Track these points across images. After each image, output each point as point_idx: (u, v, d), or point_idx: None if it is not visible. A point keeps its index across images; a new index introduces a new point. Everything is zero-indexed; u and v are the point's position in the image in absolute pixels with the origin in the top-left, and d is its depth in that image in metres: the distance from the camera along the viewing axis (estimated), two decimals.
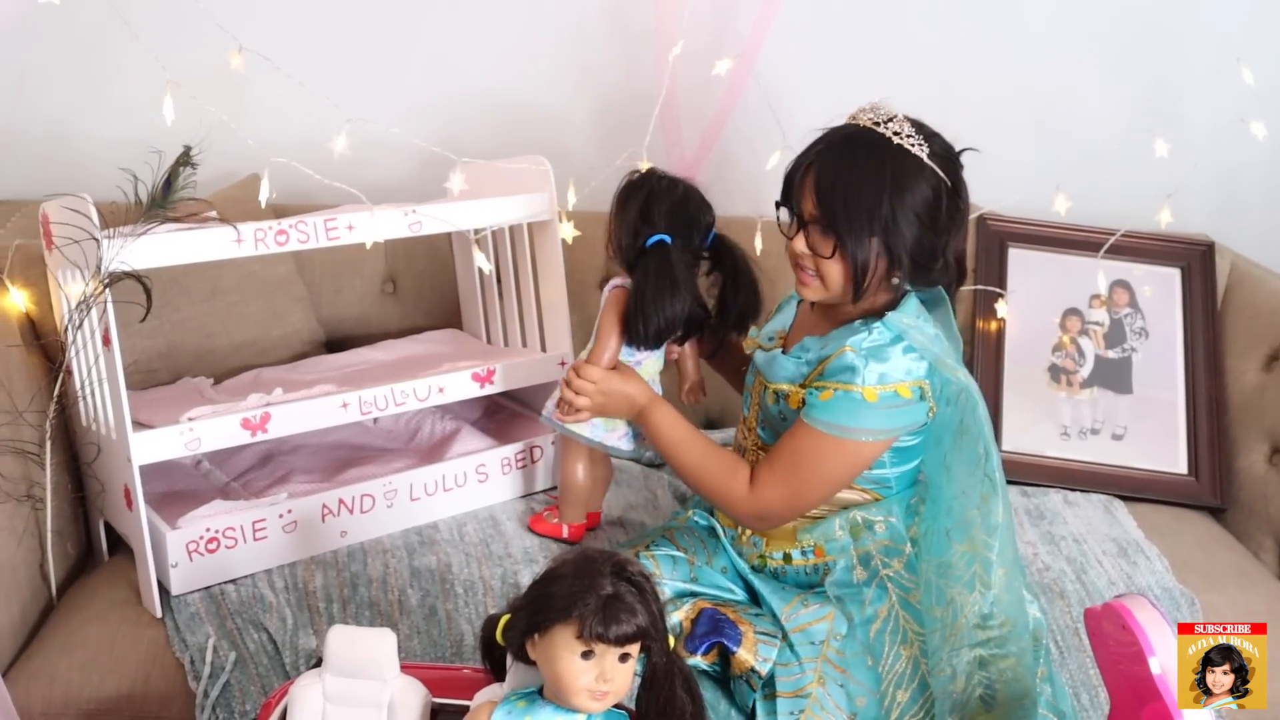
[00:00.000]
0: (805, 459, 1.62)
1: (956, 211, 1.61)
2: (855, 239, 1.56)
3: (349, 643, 1.38)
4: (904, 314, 1.61)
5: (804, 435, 1.61)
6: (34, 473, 1.84)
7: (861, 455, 1.61)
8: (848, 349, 1.58)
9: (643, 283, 1.79)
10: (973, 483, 1.58)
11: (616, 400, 1.79)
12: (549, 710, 1.28)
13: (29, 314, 1.96)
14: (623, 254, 1.84)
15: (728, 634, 1.58)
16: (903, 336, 1.58)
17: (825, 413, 1.59)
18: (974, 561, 1.56)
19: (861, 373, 1.57)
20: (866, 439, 1.59)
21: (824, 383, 1.60)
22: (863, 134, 1.58)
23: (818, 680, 1.57)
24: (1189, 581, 1.96)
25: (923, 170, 1.56)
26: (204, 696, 1.67)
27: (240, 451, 2.09)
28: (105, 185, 1.77)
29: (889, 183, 1.55)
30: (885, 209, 1.55)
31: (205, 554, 1.80)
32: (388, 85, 2.43)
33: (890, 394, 1.57)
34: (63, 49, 2.38)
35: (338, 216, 1.86)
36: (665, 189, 1.83)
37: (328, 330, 2.39)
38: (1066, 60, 2.50)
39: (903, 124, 1.58)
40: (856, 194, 1.56)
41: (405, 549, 1.91)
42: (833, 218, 1.57)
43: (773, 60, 2.38)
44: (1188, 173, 2.31)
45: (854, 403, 1.57)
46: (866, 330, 1.59)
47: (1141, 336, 2.35)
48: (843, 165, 1.58)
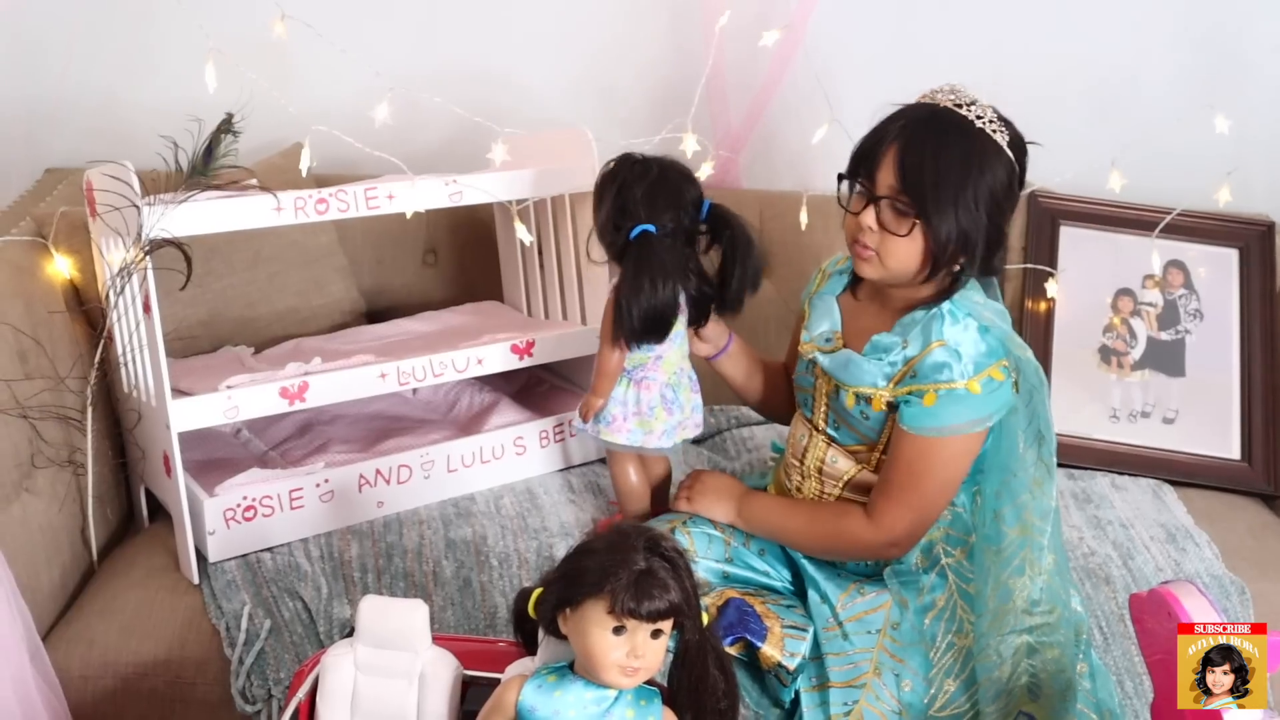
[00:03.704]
0: (923, 471, 1.58)
1: (1016, 200, 1.60)
2: (940, 217, 1.53)
3: (381, 613, 1.38)
4: (970, 294, 1.60)
5: (914, 447, 1.58)
6: (76, 439, 1.86)
7: (972, 447, 1.59)
8: (936, 344, 1.56)
9: (623, 279, 1.69)
10: (1027, 466, 1.56)
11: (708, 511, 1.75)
12: (579, 685, 1.27)
13: (73, 280, 1.97)
14: (612, 251, 1.76)
15: (752, 629, 1.56)
16: (974, 317, 1.57)
17: (933, 418, 1.56)
18: (1025, 546, 1.54)
19: (958, 367, 1.54)
20: (976, 429, 1.57)
21: (921, 385, 1.56)
22: (947, 114, 1.55)
23: (873, 670, 1.55)
24: (1239, 569, 1.92)
25: (1001, 156, 1.55)
26: (239, 663, 1.68)
27: (279, 421, 2.09)
28: (149, 154, 1.77)
29: (974, 166, 1.53)
30: (970, 192, 1.53)
31: (242, 522, 1.80)
32: (431, 54, 2.42)
33: (988, 380, 1.55)
34: (111, 19, 2.39)
35: (378, 186, 1.85)
36: (638, 174, 1.72)
37: (369, 300, 2.38)
38: (1123, 33, 2.43)
39: (985, 109, 1.56)
40: (945, 173, 1.53)
41: (441, 520, 1.91)
42: (918, 195, 1.54)
43: (821, 32, 2.33)
44: (1249, 151, 2.25)
45: (959, 400, 1.54)
46: (941, 317, 1.57)
47: (1196, 319, 2.29)
48: (930, 142, 1.54)
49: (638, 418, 1.77)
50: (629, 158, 1.76)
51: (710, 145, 2.26)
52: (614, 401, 1.78)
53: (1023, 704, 1.51)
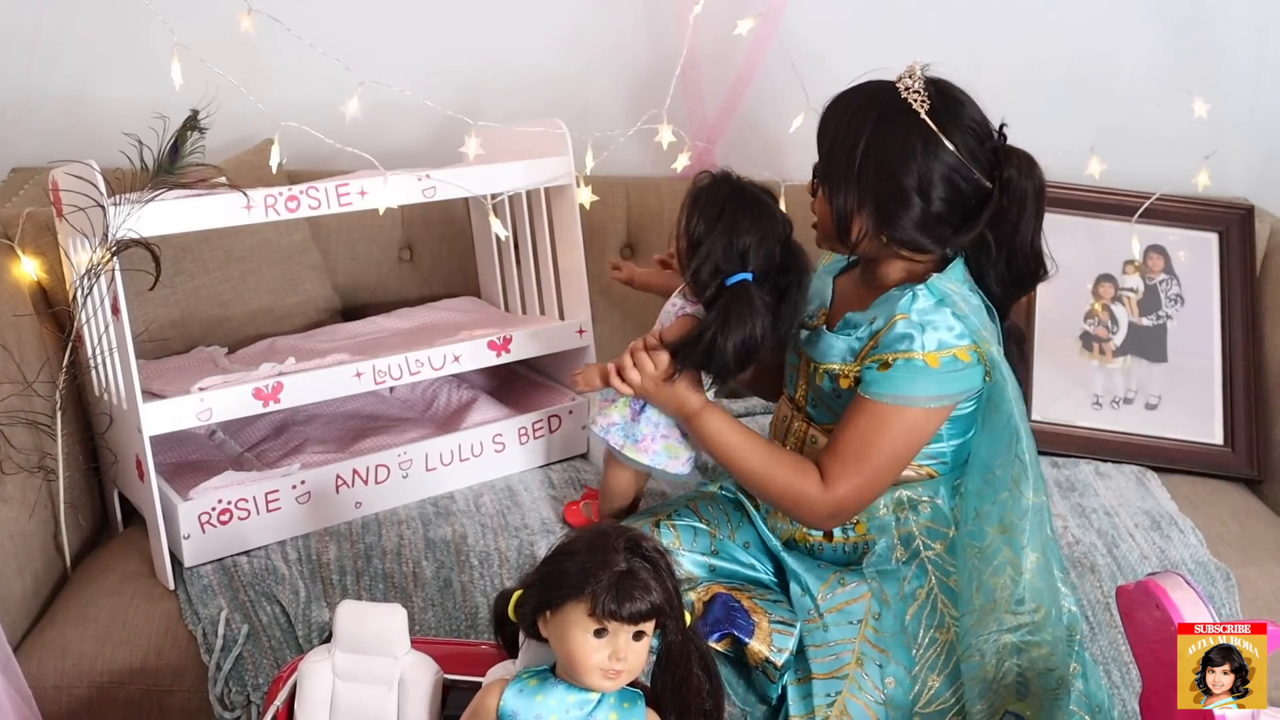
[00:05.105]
0: (873, 440, 1.54)
1: (938, 167, 1.54)
2: (835, 180, 1.57)
3: (358, 618, 1.36)
4: (949, 279, 1.56)
5: (867, 414, 1.55)
6: (46, 444, 1.82)
7: (928, 425, 1.56)
8: (899, 317, 1.53)
9: (717, 320, 1.61)
10: (1003, 464, 1.54)
11: (667, 395, 1.66)
12: (561, 689, 1.25)
13: (40, 282, 1.94)
14: (700, 289, 1.65)
15: (740, 624, 1.54)
16: (946, 302, 1.54)
17: (888, 385, 1.53)
18: (1005, 544, 1.52)
19: (919, 339, 1.52)
20: (932, 405, 1.53)
21: (881, 355, 1.54)
22: (872, 84, 1.58)
23: (855, 661, 1.54)
24: (1224, 555, 1.91)
25: (906, 119, 1.53)
26: (216, 669, 1.65)
27: (255, 422, 2.06)
28: (117, 153, 1.73)
29: (872, 128, 1.54)
30: (861, 153, 1.54)
31: (218, 525, 1.78)
32: (402, 48, 2.38)
33: (950, 358, 1.52)
34: (76, 15, 2.35)
35: (349, 182, 1.82)
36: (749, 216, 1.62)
37: (344, 298, 2.35)
38: (1100, 18, 2.43)
39: (917, 79, 1.56)
40: (840, 135, 1.56)
41: (421, 520, 1.88)
42: (821, 157, 1.60)
43: (797, 20, 2.32)
44: (1227, 134, 2.24)
45: (916, 370, 1.52)
46: (912, 295, 1.54)
47: (1177, 303, 2.28)
48: (839, 106, 1.58)
49: (666, 441, 1.73)
50: (735, 192, 1.66)
51: (686, 136, 2.24)
52: (646, 421, 1.72)
53: (1009, 703, 1.50)
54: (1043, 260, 1.63)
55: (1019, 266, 1.61)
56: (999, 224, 1.58)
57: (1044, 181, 1.60)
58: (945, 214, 1.56)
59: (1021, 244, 1.60)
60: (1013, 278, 1.63)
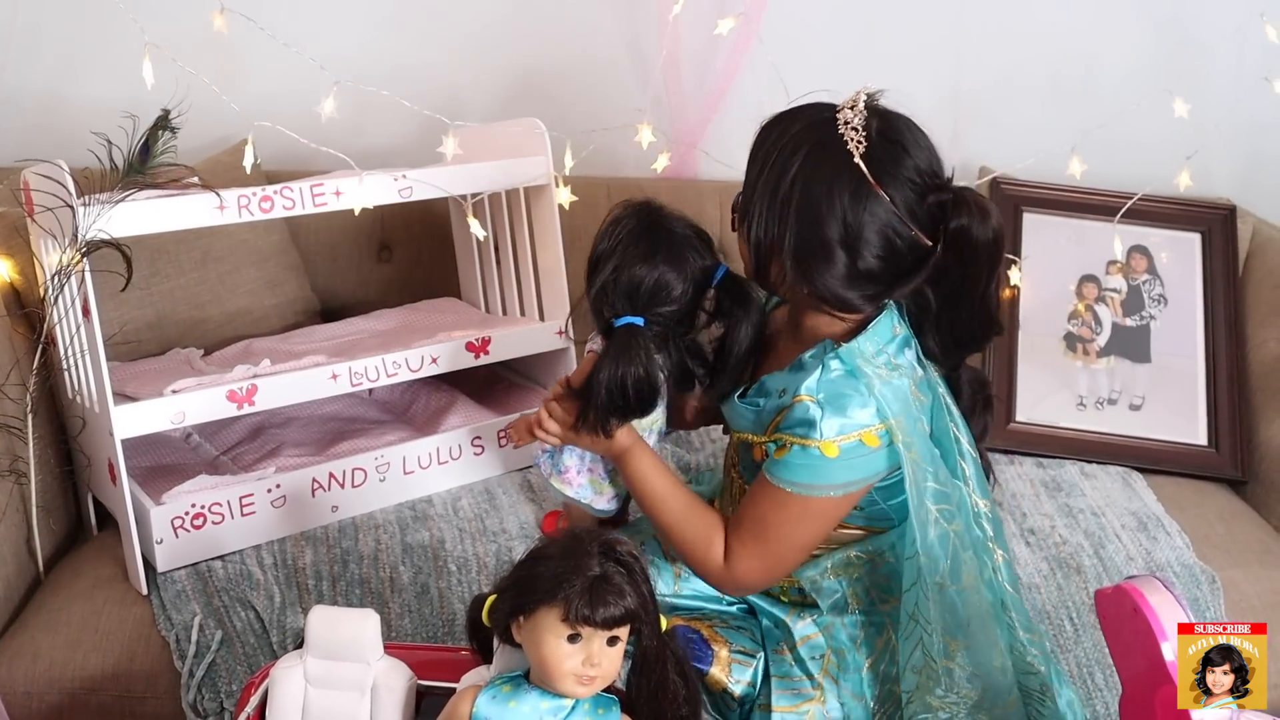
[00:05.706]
0: (772, 524, 1.42)
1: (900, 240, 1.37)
2: (754, 215, 1.41)
3: (331, 624, 1.34)
4: (869, 341, 1.40)
5: (766, 496, 1.42)
6: (17, 447, 1.80)
7: (836, 511, 1.42)
8: (801, 399, 1.37)
9: (602, 361, 1.50)
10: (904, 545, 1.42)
11: (590, 439, 1.54)
12: (535, 695, 1.23)
13: (12, 283, 1.92)
14: (597, 321, 1.56)
15: (696, 653, 1.48)
16: (858, 374, 1.38)
17: (786, 471, 1.39)
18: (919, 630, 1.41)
19: (819, 425, 1.36)
20: (834, 494, 1.40)
21: (782, 435, 1.40)
22: (816, 110, 1.42)
23: (819, 698, 1.48)
24: (1210, 558, 1.90)
25: (836, 161, 1.36)
26: (189, 676, 1.63)
27: (231, 424, 2.04)
28: (89, 152, 1.72)
29: (800, 163, 1.37)
30: (785, 191, 1.37)
31: (191, 530, 1.75)
32: (380, 47, 2.37)
33: (853, 444, 1.37)
34: (46, 14, 2.32)
35: (325, 182, 1.80)
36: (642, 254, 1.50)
37: (323, 299, 2.34)
38: (1083, 18, 2.42)
39: (859, 112, 1.38)
40: (766, 162, 1.40)
41: (398, 524, 1.86)
42: (746, 186, 1.44)
43: (778, 20, 2.30)
44: (1208, 134, 2.23)
45: (813, 459, 1.37)
46: (822, 367, 1.38)
47: (1160, 304, 2.27)
48: (774, 130, 1.42)
49: (591, 475, 1.66)
50: (640, 228, 1.53)
51: (667, 137, 2.22)
52: (570, 452, 1.64)
53: None
54: (993, 319, 1.44)
55: (963, 326, 1.45)
56: (941, 281, 1.41)
57: (1001, 233, 1.39)
58: (876, 271, 1.38)
59: (968, 302, 1.42)
60: (955, 338, 1.46)
